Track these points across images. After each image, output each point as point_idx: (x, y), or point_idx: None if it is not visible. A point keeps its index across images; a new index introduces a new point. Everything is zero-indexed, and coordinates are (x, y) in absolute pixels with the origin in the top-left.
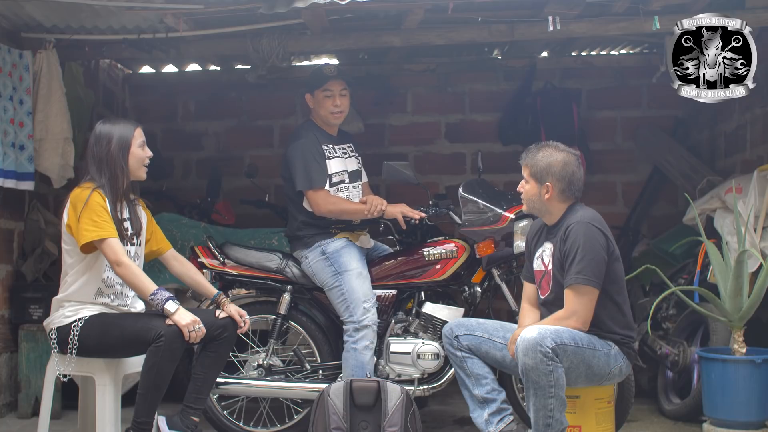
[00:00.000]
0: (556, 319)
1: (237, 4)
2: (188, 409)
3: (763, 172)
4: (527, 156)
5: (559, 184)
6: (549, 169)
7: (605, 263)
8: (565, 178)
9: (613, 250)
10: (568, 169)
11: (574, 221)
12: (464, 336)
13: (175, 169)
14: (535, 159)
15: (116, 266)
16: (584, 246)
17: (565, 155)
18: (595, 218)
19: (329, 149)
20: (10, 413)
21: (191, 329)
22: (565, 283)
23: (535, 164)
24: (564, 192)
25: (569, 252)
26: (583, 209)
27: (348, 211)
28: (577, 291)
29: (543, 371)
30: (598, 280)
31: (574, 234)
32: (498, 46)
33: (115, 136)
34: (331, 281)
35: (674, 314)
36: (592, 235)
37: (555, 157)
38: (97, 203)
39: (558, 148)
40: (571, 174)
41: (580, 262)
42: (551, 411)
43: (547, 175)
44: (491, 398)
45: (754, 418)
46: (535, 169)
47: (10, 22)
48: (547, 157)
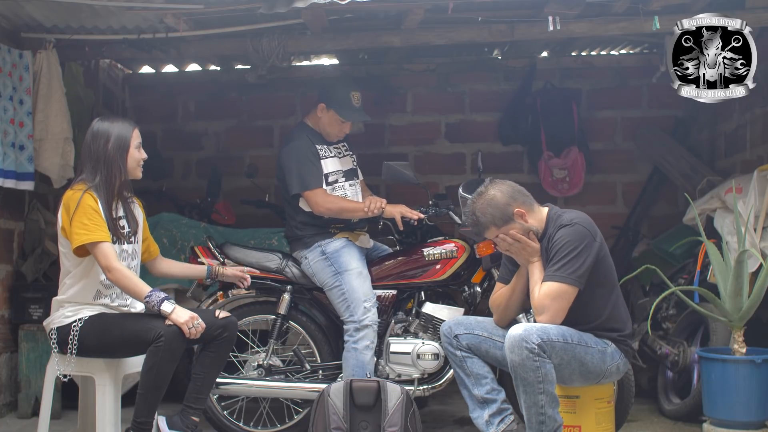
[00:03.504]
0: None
1: (237, 4)
2: (188, 409)
3: (763, 172)
4: (476, 225)
5: (508, 211)
6: (496, 208)
7: (590, 263)
8: (512, 199)
9: (601, 248)
10: (501, 197)
11: (561, 224)
12: (464, 335)
13: (175, 169)
14: (481, 219)
15: (107, 272)
16: (567, 244)
17: (485, 194)
18: (581, 218)
19: (324, 149)
20: (10, 413)
21: (190, 326)
22: (544, 277)
23: (488, 220)
24: (525, 203)
25: (552, 251)
26: (568, 212)
27: (347, 209)
28: (550, 288)
29: (530, 367)
30: (578, 279)
31: (560, 235)
32: (498, 46)
33: (113, 136)
34: (332, 281)
35: (674, 314)
36: (577, 236)
37: (485, 201)
38: (88, 206)
39: (474, 195)
40: (508, 196)
41: (560, 260)
42: (542, 408)
43: (499, 221)
44: (491, 398)
45: (754, 418)
46: (494, 222)
47: (10, 22)
48: (483, 207)
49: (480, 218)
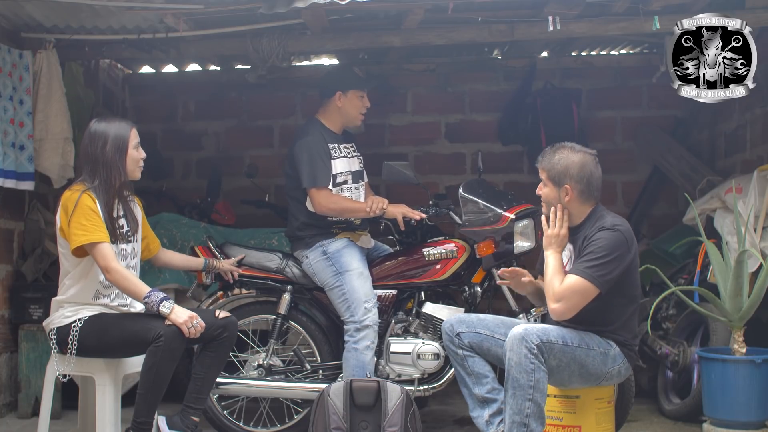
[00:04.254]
0: (547, 295)
1: (237, 4)
2: (188, 409)
3: (763, 172)
4: (543, 159)
5: (578, 185)
6: (566, 171)
7: (619, 272)
8: (583, 179)
9: (633, 261)
10: (585, 170)
11: (602, 227)
12: (465, 333)
13: (175, 169)
14: (551, 162)
15: (106, 272)
16: (604, 248)
17: (582, 156)
18: (623, 226)
19: (335, 148)
20: (10, 413)
21: (189, 326)
22: (571, 269)
23: (552, 167)
24: (583, 193)
25: (587, 249)
26: (612, 215)
27: (349, 209)
28: (576, 282)
29: (525, 368)
30: (603, 282)
31: (599, 236)
32: (498, 46)
33: (111, 136)
34: (332, 281)
35: (674, 314)
36: (616, 242)
37: (572, 158)
38: (87, 206)
39: (574, 149)
40: (589, 175)
41: (593, 260)
42: (527, 417)
43: (565, 178)
44: (492, 398)
45: (754, 418)
46: (552, 172)
47: (10, 22)
48: (563, 160)
49: (553, 157)
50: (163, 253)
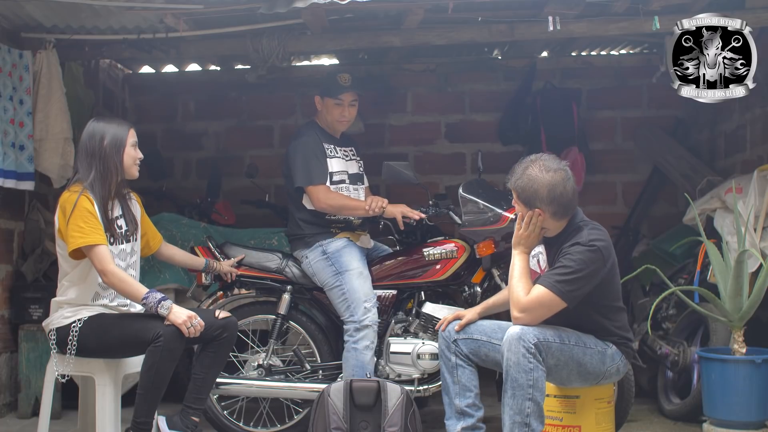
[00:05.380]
0: (512, 301)
1: (237, 4)
2: (188, 409)
3: (763, 172)
4: (512, 178)
5: (549, 207)
6: (536, 195)
7: (588, 288)
8: (554, 201)
9: (610, 271)
10: (555, 191)
11: (578, 242)
12: (462, 340)
13: (175, 169)
14: (521, 185)
15: (103, 275)
16: (578, 262)
17: (551, 176)
18: (601, 241)
19: (331, 149)
20: (10, 413)
21: (188, 325)
22: (540, 279)
23: (522, 191)
24: (556, 213)
25: (560, 261)
26: (589, 228)
27: (348, 206)
28: (544, 295)
29: (524, 368)
30: (571, 298)
31: (574, 250)
32: (498, 46)
33: (109, 134)
34: (332, 281)
35: (674, 314)
36: (590, 260)
37: (539, 181)
38: (84, 208)
39: (544, 168)
40: (559, 196)
41: (564, 274)
42: (528, 417)
43: (536, 201)
44: (470, 413)
45: (754, 418)
46: (522, 195)
47: (10, 22)
48: (532, 183)
49: (522, 178)
50: (165, 248)
